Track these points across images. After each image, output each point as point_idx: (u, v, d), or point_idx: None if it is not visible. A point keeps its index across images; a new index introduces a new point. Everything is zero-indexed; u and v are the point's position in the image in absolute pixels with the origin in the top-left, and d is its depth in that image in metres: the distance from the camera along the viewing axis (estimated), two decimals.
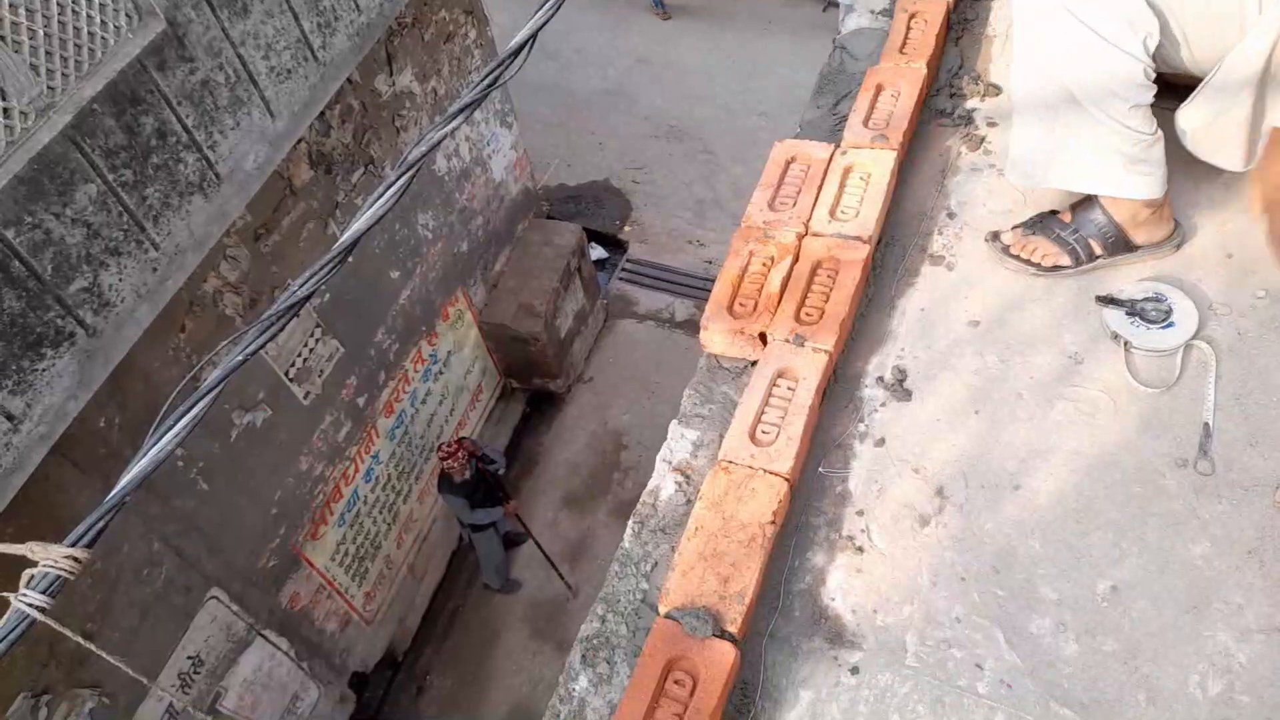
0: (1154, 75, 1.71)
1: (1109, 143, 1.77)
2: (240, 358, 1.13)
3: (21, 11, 2.99)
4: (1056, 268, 1.96)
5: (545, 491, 8.10)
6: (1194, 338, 1.81)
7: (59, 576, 0.96)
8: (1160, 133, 1.78)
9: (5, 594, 0.96)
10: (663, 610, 1.58)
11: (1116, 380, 1.80)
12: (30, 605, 0.94)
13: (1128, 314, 1.85)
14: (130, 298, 3.50)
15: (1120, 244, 1.92)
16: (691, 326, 8.79)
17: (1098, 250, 1.93)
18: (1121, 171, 1.80)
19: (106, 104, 3.26)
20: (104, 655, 1.15)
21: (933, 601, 1.61)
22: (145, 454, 1.05)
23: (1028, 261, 1.97)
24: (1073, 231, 1.94)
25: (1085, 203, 1.94)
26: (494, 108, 7.45)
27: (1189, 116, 1.78)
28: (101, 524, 1.01)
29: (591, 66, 11.51)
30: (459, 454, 6.18)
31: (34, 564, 0.96)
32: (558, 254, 8.04)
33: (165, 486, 4.81)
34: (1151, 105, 1.75)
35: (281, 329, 1.15)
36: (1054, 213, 2.00)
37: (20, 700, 4.20)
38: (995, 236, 2.04)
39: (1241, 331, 1.82)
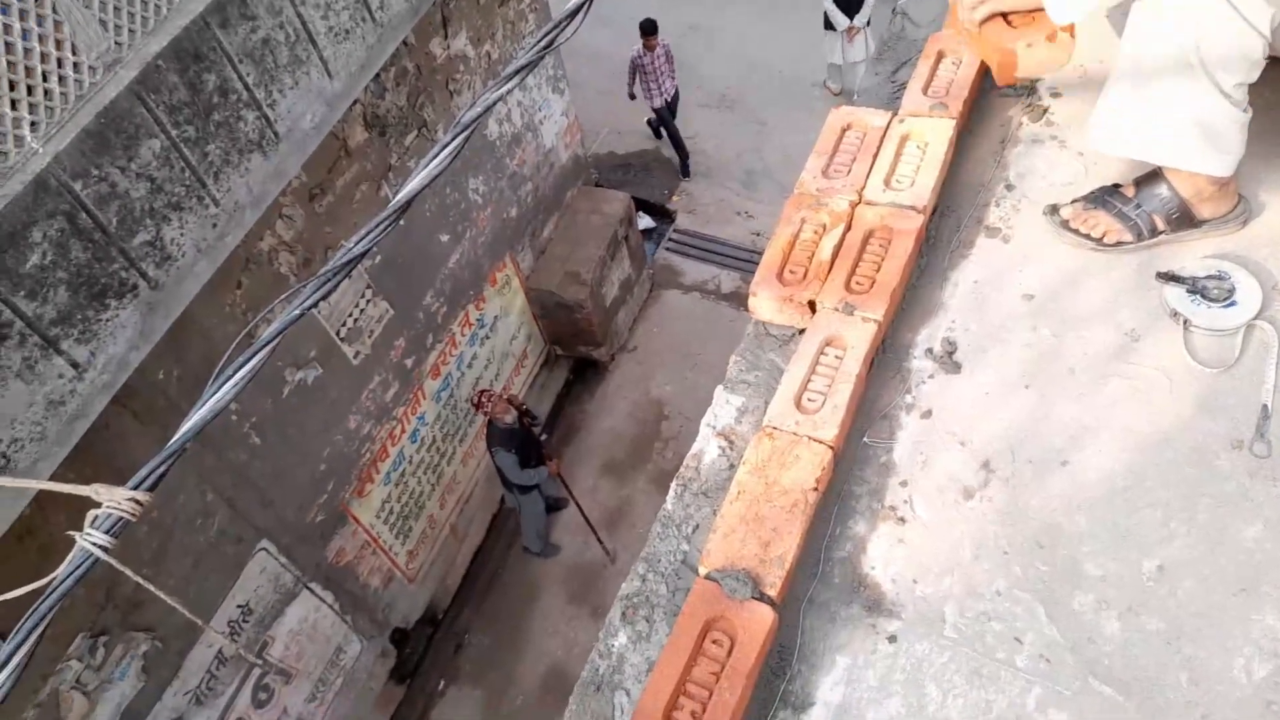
0: (1268, 55, 1.67)
1: (1204, 114, 1.72)
2: (297, 311, 1.15)
3: None
4: (1118, 244, 1.91)
5: (586, 459, 8.17)
6: (1256, 317, 1.76)
7: (121, 518, 0.99)
8: (1250, 111, 1.73)
9: (70, 533, 0.99)
10: (703, 571, 1.60)
11: (1174, 359, 1.77)
12: (94, 545, 0.98)
13: (1189, 291, 1.81)
14: (191, 252, 3.57)
15: (1184, 219, 1.87)
16: (737, 299, 8.75)
17: (1160, 226, 1.88)
18: (1205, 145, 1.74)
19: (171, 60, 3.31)
20: (162, 595, 1.19)
21: (974, 574, 1.61)
22: (204, 403, 1.07)
23: (1087, 236, 1.93)
24: (1135, 206, 1.89)
25: (1150, 176, 1.89)
26: (546, 73, 7.43)
27: None
28: (163, 469, 1.04)
29: None
30: (495, 401, 6.30)
31: (98, 505, 0.99)
32: (605, 222, 8.04)
33: (220, 439, 4.94)
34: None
35: (336, 285, 1.17)
36: (1116, 186, 1.95)
37: (80, 640, 4.38)
38: (1054, 210, 1.99)
39: None
